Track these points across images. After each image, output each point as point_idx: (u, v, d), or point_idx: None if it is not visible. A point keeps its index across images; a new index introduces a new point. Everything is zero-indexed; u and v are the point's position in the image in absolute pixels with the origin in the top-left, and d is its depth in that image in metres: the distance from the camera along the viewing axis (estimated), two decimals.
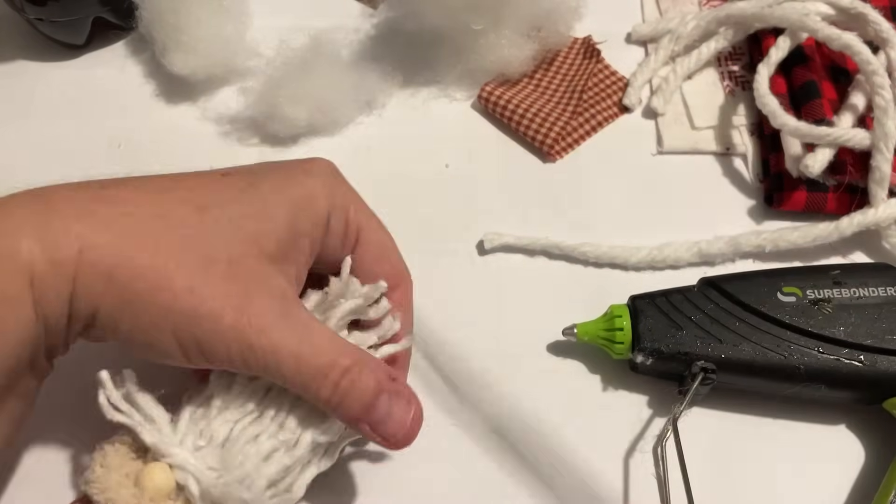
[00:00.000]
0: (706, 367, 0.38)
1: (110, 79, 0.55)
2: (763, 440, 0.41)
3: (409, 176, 0.50)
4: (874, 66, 0.45)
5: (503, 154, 0.51)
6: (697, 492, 0.37)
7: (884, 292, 0.39)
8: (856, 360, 0.38)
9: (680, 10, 0.57)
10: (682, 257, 0.46)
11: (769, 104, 0.46)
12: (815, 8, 0.49)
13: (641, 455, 0.40)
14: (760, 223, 0.48)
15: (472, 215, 0.48)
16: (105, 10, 0.54)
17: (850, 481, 0.39)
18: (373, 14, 0.58)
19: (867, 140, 0.44)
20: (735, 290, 0.40)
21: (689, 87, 0.53)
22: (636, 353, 0.40)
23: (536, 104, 0.51)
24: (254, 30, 0.54)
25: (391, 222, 0.49)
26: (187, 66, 0.51)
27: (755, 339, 0.39)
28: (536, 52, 0.53)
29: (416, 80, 0.54)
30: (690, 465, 0.37)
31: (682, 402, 0.39)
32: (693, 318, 0.39)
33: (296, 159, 0.37)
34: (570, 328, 0.42)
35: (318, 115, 0.50)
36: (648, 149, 0.51)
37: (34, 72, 0.56)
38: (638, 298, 0.41)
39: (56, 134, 0.53)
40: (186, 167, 0.51)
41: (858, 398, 0.39)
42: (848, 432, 0.41)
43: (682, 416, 0.40)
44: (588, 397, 0.42)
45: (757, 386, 0.40)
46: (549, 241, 0.46)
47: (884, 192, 0.44)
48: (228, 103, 0.53)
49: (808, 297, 0.39)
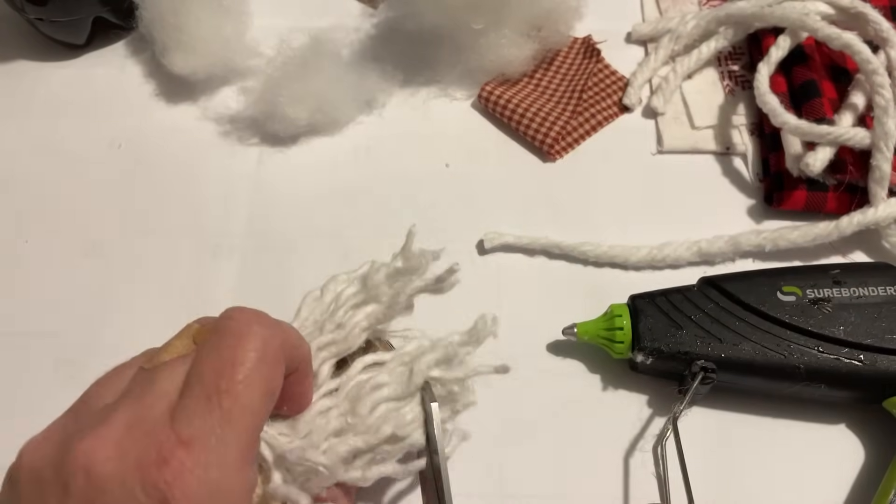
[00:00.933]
0: (706, 366, 0.38)
1: (110, 78, 0.55)
2: (763, 439, 0.41)
3: (409, 176, 0.50)
4: (874, 65, 0.45)
5: (503, 154, 0.51)
6: (698, 491, 0.37)
7: (884, 292, 0.39)
8: (855, 360, 0.38)
9: (680, 10, 0.57)
10: (682, 256, 0.46)
11: (769, 102, 0.46)
12: (815, 7, 0.49)
13: (642, 454, 0.40)
14: (760, 222, 0.48)
15: (472, 215, 0.48)
16: (105, 10, 0.54)
17: (849, 480, 0.39)
18: (373, 14, 0.58)
19: (867, 139, 0.44)
20: (735, 290, 0.40)
21: (689, 87, 0.53)
22: (636, 352, 0.40)
23: (536, 104, 0.51)
24: (254, 29, 0.54)
25: (391, 222, 0.49)
26: (187, 66, 0.51)
27: (755, 339, 0.39)
28: (536, 51, 0.53)
29: (416, 79, 0.54)
30: (690, 464, 0.37)
31: (682, 401, 0.39)
32: (693, 318, 0.39)
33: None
34: (570, 328, 0.42)
35: (318, 114, 0.50)
36: (648, 148, 0.51)
37: (34, 72, 0.56)
38: (638, 298, 0.41)
39: (56, 133, 0.53)
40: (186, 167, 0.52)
41: (858, 397, 0.39)
42: (848, 431, 0.41)
43: (682, 416, 0.40)
44: (588, 397, 0.42)
45: (757, 385, 0.40)
46: (548, 240, 0.46)
47: (884, 191, 0.44)
48: (228, 103, 0.53)
49: (808, 297, 0.39)
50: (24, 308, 0.46)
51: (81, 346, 0.45)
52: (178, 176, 0.51)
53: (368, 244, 0.47)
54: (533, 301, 0.45)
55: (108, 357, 0.47)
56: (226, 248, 0.48)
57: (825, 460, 0.40)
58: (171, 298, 0.46)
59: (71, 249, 0.48)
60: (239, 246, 0.48)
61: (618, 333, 0.40)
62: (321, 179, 0.50)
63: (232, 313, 0.28)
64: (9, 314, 0.46)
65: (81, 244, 0.48)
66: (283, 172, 0.51)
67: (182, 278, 0.47)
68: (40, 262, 0.48)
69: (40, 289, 0.47)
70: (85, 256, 0.48)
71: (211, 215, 0.49)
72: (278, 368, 0.28)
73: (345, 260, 0.47)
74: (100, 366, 0.32)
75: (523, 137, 0.51)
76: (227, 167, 0.51)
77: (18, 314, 0.46)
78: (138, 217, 0.49)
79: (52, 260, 0.48)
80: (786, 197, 0.47)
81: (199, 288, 0.47)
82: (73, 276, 0.47)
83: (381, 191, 0.50)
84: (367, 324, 0.34)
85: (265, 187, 0.50)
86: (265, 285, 0.47)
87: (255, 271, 0.47)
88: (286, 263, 0.48)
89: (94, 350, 0.45)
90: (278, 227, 0.49)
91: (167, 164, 0.52)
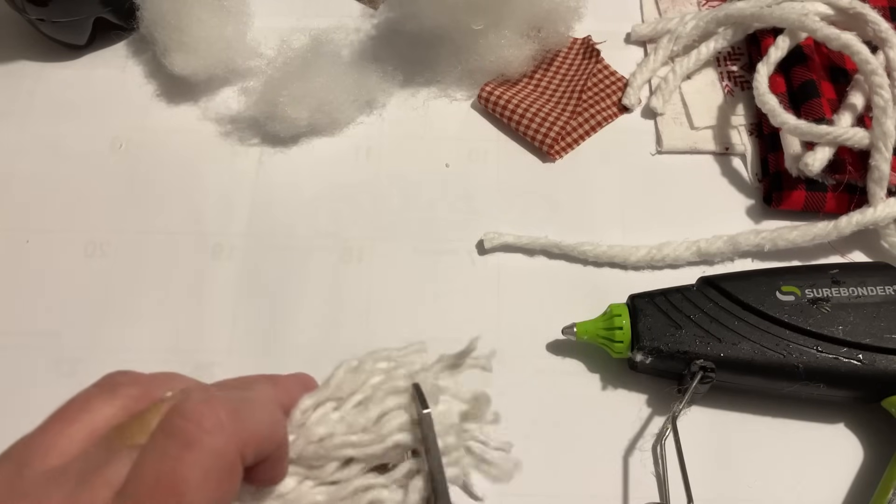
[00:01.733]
0: (705, 365, 0.38)
1: (111, 79, 0.55)
2: (762, 439, 0.41)
3: (409, 175, 0.50)
4: (873, 65, 0.45)
5: (503, 154, 0.51)
6: (697, 489, 0.37)
7: (882, 291, 0.39)
8: (854, 359, 0.38)
9: (679, 11, 0.57)
10: (682, 256, 0.46)
11: (769, 102, 0.46)
12: (814, 8, 0.49)
13: (641, 453, 0.40)
14: (759, 222, 0.48)
15: (472, 215, 0.49)
16: (106, 11, 0.54)
17: (848, 479, 0.39)
18: (373, 14, 0.58)
19: (866, 139, 0.44)
20: (734, 289, 0.40)
21: (689, 87, 0.53)
22: (635, 351, 0.40)
23: (536, 104, 0.51)
24: (254, 30, 0.54)
25: (391, 222, 0.49)
26: (188, 67, 0.51)
27: (754, 338, 0.39)
28: (536, 52, 0.53)
29: (416, 80, 0.54)
30: (690, 463, 0.37)
31: (681, 400, 0.39)
32: (692, 317, 0.40)
33: None
34: (570, 327, 0.42)
35: (318, 114, 0.50)
36: (648, 148, 0.51)
37: (35, 72, 0.56)
38: (637, 297, 0.41)
39: (57, 134, 0.53)
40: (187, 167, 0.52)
41: (857, 397, 0.39)
42: (847, 431, 0.41)
43: (682, 415, 0.40)
44: (587, 396, 0.42)
45: (756, 384, 0.40)
46: (548, 240, 0.46)
47: (882, 191, 0.44)
48: (229, 103, 0.54)
49: (807, 296, 0.40)
50: (24, 308, 0.46)
51: (81, 346, 0.45)
52: (178, 176, 0.51)
53: (368, 244, 0.48)
54: (533, 301, 0.45)
55: (108, 357, 0.47)
56: (226, 248, 0.48)
57: (824, 459, 0.40)
58: (170, 298, 0.46)
59: (71, 249, 0.48)
60: (239, 246, 0.48)
61: (617, 333, 0.40)
62: (321, 179, 0.50)
63: (186, 408, 0.24)
64: (9, 314, 0.46)
65: (81, 244, 0.48)
66: (283, 172, 0.51)
67: (182, 278, 0.47)
68: (40, 262, 0.48)
69: (40, 289, 0.47)
70: (85, 256, 0.48)
71: (211, 215, 0.49)
72: (231, 479, 0.24)
73: (345, 259, 0.48)
74: (100, 366, 0.32)
75: (523, 138, 0.51)
76: (228, 167, 0.51)
77: (18, 314, 0.46)
78: (138, 217, 0.49)
79: (52, 260, 0.48)
80: (785, 197, 0.47)
81: (199, 288, 0.47)
82: (73, 276, 0.47)
83: (381, 191, 0.50)
84: (401, 438, 0.29)
85: (265, 187, 0.50)
86: (265, 285, 0.47)
87: (254, 271, 0.47)
88: (286, 263, 0.48)
89: (94, 350, 0.45)
90: (278, 227, 0.49)
91: (168, 164, 0.52)
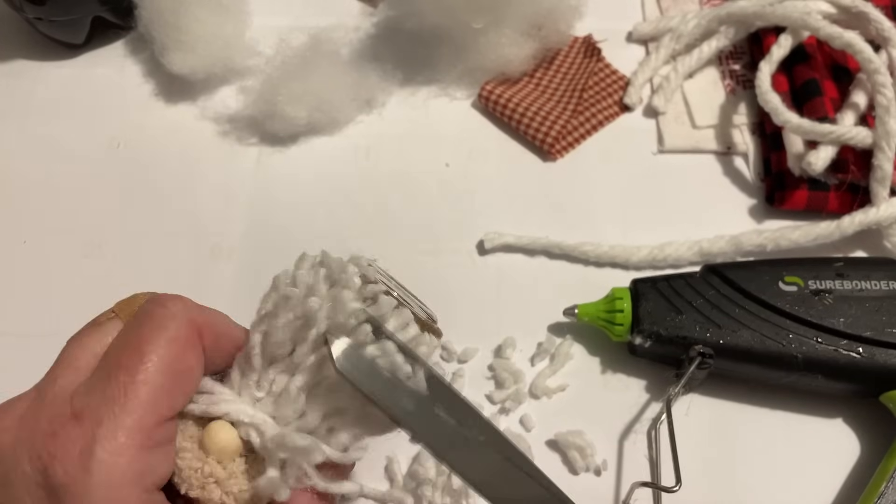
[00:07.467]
0: (704, 351, 0.38)
1: (109, 78, 0.55)
2: (761, 430, 0.41)
3: (409, 175, 0.50)
4: (876, 64, 0.45)
5: (503, 153, 0.51)
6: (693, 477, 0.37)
7: (886, 286, 0.39)
8: (854, 352, 0.38)
9: (681, 9, 0.57)
10: (683, 256, 0.45)
11: (771, 101, 0.46)
12: (817, 6, 0.49)
13: (636, 436, 0.41)
14: (762, 222, 0.48)
15: (473, 215, 0.48)
16: (104, 10, 0.54)
17: (844, 473, 0.39)
18: (372, 13, 0.58)
19: (869, 138, 0.44)
20: (737, 278, 0.40)
21: (690, 86, 0.53)
22: (635, 334, 0.40)
23: (537, 103, 0.51)
24: (253, 29, 0.54)
25: (392, 222, 0.49)
26: (186, 66, 0.51)
27: (754, 326, 0.39)
28: (537, 50, 0.52)
29: (416, 78, 0.54)
30: (688, 452, 0.37)
31: (676, 384, 0.39)
32: (694, 303, 0.39)
33: None
34: (571, 308, 0.42)
35: (317, 114, 0.50)
36: (649, 148, 0.51)
37: (33, 71, 0.56)
38: (640, 281, 0.41)
39: (55, 133, 0.53)
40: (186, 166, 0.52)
41: (855, 390, 0.39)
42: (844, 425, 0.41)
43: (682, 406, 0.40)
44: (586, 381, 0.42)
45: (754, 373, 0.40)
46: (549, 240, 0.46)
47: (886, 190, 0.44)
48: (228, 102, 0.53)
49: (810, 288, 0.39)
50: (24, 308, 0.46)
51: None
52: (177, 175, 0.51)
53: (368, 244, 0.47)
54: (533, 301, 0.45)
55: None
56: (225, 248, 0.48)
57: (822, 453, 0.40)
58: None
59: (70, 249, 0.48)
60: (238, 246, 0.48)
61: (618, 316, 0.40)
62: (321, 179, 0.50)
63: (158, 296, 0.29)
64: (7, 315, 0.46)
65: (81, 244, 0.48)
66: (282, 172, 0.51)
67: (181, 278, 0.47)
68: (40, 263, 0.48)
69: (40, 289, 0.47)
70: (84, 256, 0.48)
71: (210, 215, 0.49)
72: (188, 351, 0.28)
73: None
74: None
75: (524, 137, 0.51)
76: (227, 167, 0.51)
77: (18, 314, 0.46)
78: (137, 217, 0.49)
79: (51, 260, 0.48)
80: (787, 196, 0.46)
81: (199, 288, 0.46)
82: (72, 276, 0.47)
83: (381, 191, 0.50)
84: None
85: (264, 187, 0.50)
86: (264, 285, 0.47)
87: (254, 271, 0.47)
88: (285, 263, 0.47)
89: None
90: (278, 226, 0.49)
91: (166, 163, 0.51)
